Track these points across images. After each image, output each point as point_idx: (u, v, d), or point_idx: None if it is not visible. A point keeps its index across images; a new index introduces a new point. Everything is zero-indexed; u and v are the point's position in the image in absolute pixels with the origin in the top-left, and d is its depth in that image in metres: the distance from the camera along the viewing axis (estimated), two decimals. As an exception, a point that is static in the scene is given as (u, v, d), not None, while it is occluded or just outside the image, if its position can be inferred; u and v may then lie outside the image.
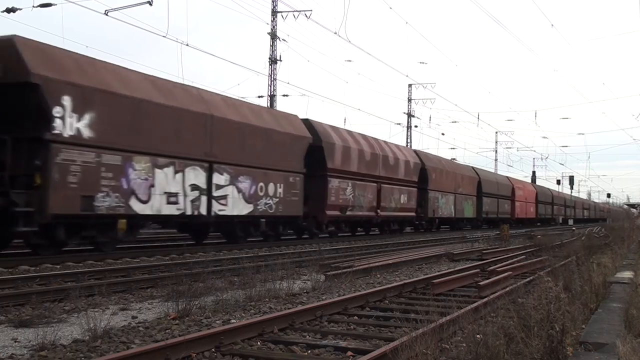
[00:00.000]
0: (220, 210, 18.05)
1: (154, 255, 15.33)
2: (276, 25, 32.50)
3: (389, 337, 6.67)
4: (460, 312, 7.27)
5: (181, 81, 20.65)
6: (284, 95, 41.87)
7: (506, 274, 11.73)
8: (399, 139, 76.42)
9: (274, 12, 32.53)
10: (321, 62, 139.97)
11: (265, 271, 11.33)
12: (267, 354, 6.01)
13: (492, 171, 61.19)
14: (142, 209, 15.42)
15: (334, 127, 25.63)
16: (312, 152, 22.62)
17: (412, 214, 32.20)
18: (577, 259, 13.78)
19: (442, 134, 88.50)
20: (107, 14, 22.49)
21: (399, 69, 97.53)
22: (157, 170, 15.86)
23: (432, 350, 4.94)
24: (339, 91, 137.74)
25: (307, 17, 31.69)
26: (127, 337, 6.52)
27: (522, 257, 16.92)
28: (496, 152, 70.62)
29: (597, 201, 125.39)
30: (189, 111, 16.92)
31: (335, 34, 27.36)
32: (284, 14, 32.44)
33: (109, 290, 9.57)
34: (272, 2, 32.58)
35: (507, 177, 55.50)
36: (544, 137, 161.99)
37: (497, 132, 68.99)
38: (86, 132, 13.97)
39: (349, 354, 6.03)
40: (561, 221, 68.88)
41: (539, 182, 77.02)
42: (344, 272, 11.87)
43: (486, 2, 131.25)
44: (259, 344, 6.40)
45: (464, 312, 7.32)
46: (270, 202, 20.38)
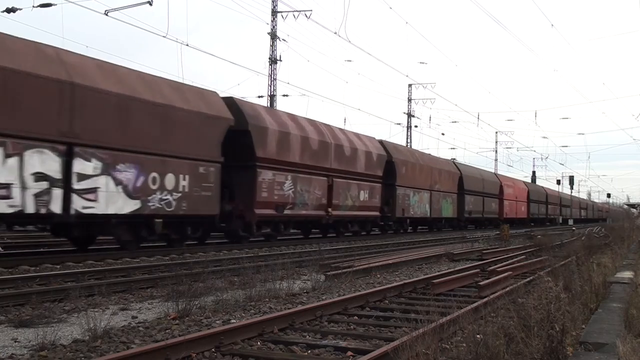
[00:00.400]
0: (85, 207, 13.92)
1: (154, 255, 15.33)
2: (276, 25, 32.53)
3: (389, 337, 6.67)
4: (460, 312, 7.28)
5: (181, 81, 19.35)
6: (284, 95, 42.00)
7: (506, 274, 11.74)
8: (399, 139, 76.46)
9: (274, 12, 32.54)
10: (321, 62, 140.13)
11: (265, 271, 11.33)
12: (267, 354, 6.01)
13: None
14: None
15: (269, 109, 22.02)
16: (237, 137, 18.74)
17: (376, 214, 27.90)
18: (577, 259, 13.78)
19: (442, 134, 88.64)
20: (107, 14, 22.53)
21: (399, 69, 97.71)
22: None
23: (432, 350, 4.94)
24: (339, 91, 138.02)
25: (307, 17, 31.73)
26: (127, 337, 6.52)
27: (522, 257, 16.94)
28: (496, 152, 70.66)
29: (596, 201, 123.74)
30: (32, 75, 12.78)
31: (335, 34, 27.39)
32: (284, 14, 32.48)
33: (109, 290, 9.59)
34: (272, 2, 32.60)
35: (495, 174, 52.06)
36: (544, 137, 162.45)
37: (497, 132, 69.02)
38: None
39: (349, 354, 6.03)
40: (561, 221, 68.76)
41: (539, 182, 76.97)
42: (344, 272, 11.87)
43: (486, 2, 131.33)
44: (259, 344, 6.40)
45: (464, 312, 7.33)
46: (168, 197, 16.16)
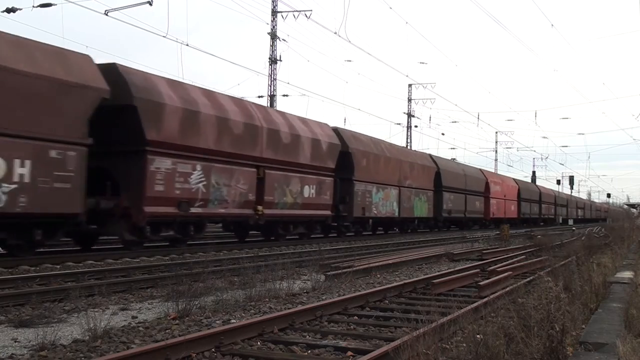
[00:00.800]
0: None
1: (154, 255, 15.34)
2: (276, 25, 32.54)
3: (389, 337, 6.67)
4: (460, 312, 7.28)
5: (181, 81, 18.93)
6: (284, 95, 41.96)
7: (506, 274, 11.73)
8: (399, 139, 76.50)
9: (274, 12, 32.55)
10: (321, 62, 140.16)
11: (265, 271, 11.33)
12: (267, 354, 6.01)
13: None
14: None
15: (175, 82, 17.27)
16: (122, 114, 15.03)
17: (326, 213, 23.76)
18: (577, 259, 13.79)
19: (442, 134, 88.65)
20: (107, 14, 22.54)
21: (399, 69, 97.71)
22: None
23: (432, 350, 4.94)
24: (339, 91, 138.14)
25: (307, 17, 31.74)
26: (127, 337, 6.52)
27: (522, 257, 16.94)
28: (496, 152, 70.72)
29: (594, 200, 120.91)
30: None
31: (335, 34, 27.42)
32: (284, 14, 32.49)
33: (109, 290, 9.59)
34: (272, 2, 32.61)
35: (480, 170, 47.12)
36: (544, 137, 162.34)
37: (497, 132, 69.03)
38: None
39: (349, 354, 6.03)
40: (561, 221, 68.69)
41: (539, 182, 76.85)
42: (344, 272, 11.87)
43: (486, 2, 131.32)
44: (259, 344, 6.40)
45: (464, 312, 7.33)
46: None
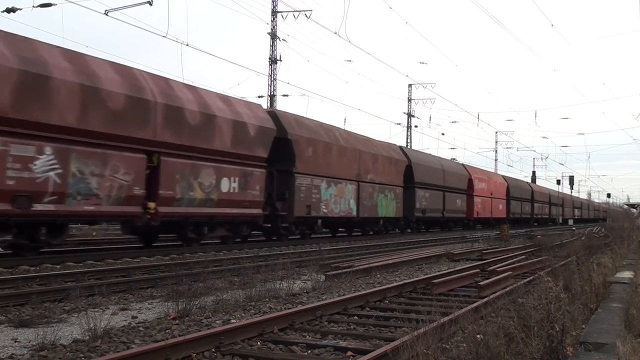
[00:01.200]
0: None
1: (154, 255, 15.33)
2: (276, 25, 32.53)
3: (389, 337, 6.66)
4: (460, 312, 7.27)
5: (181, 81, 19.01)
6: (284, 95, 42.14)
7: (506, 274, 11.73)
8: (399, 139, 76.48)
9: (274, 12, 32.54)
10: (321, 62, 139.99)
11: (265, 271, 11.34)
12: (267, 354, 6.01)
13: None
14: None
15: (11, 36, 12.80)
16: None
17: (255, 212, 19.81)
18: (577, 259, 13.78)
19: (442, 134, 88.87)
20: (107, 14, 22.53)
21: (399, 69, 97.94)
22: None
23: (432, 350, 4.93)
24: (339, 91, 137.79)
25: (307, 17, 31.73)
26: (127, 337, 6.52)
27: (522, 257, 16.93)
28: (496, 152, 70.66)
29: (592, 200, 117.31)
30: None
31: (335, 34, 27.41)
32: (284, 14, 32.48)
33: (109, 290, 9.58)
34: (272, 2, 32.60)
35: (463, 165, 43.27)
36: (544, 137, 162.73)
37: (497, 132, 68.97)
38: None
39: (349, 354, 6.03)
40: (561, 221, 68.60)
41: (539, 182, 76.74)
42: (344, 272, 11.87)
43: (486, 2, 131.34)
44: (259, 344, 6.40)
45: (464, 312, 7.32)
46: None
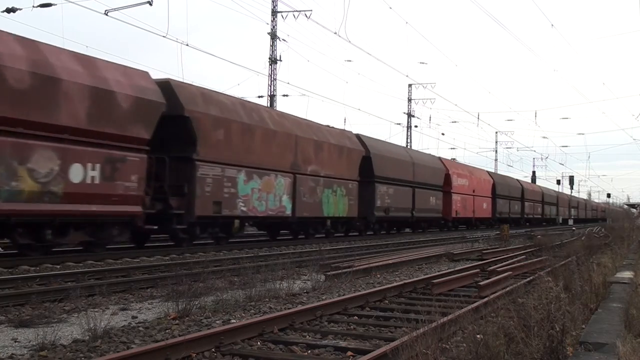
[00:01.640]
0: None
1: (154, 255, 15.33)
2: (276, 25, 32.52)
3: (389, 337, 6.66)
4: (460, 312, 7.27)
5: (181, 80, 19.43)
6: (284, 95, 41.99)
7: (506, 274, 11.73)
8: (399, 139, 76.44)
9: (274, 12, 32.54)
10: (321, 62, 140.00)
11: (265, 271, 11.33)
12: (267, 354, 6.01)
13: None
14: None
15: None
16: None
17: (130, 210, 15.49)
18: (577, 259, 13.78)
19: (442, 134, 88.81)
20: (107, 14, 22.53)
21: (399, 69, 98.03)
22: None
23: (432, 350, 4.93)
24: (339, 91, 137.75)
25: (307, 17, 31.73)
26: (127, 337, 6.52)
27: (522, 257, 16.93)
28: (496, 152, 70.68)
29: (589, 199, 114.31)
30: None
31: (335, 34, 27.42)
32: (284, 14, 32.48)
33: (109, 290, 9.58)
34: (272, 2, 32.60)
35: (440, 159, 38.43)
36: (544, 137, 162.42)
37: (497, 132, 68.93)
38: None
39: (349, 354, 6.03)
40: (561, 221, 68.52)
41: (539, 182, 76.58)
42: (344, 272, 11.87)
43: (486, 2, 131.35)
44: (259, 344, 6.40)
45: (464, 312, 7.32)
46: None
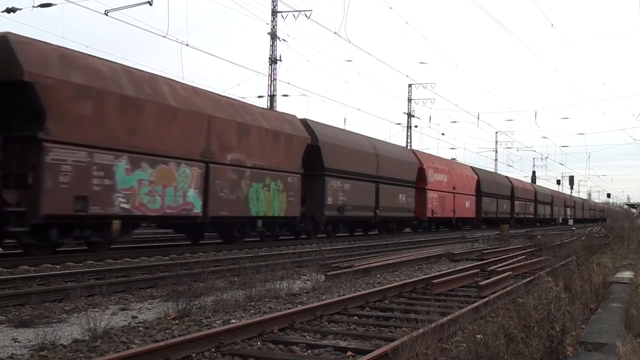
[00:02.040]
0: None
1: (154, 255, 15.33)
2: (276, 25, 32.50)
3: (389, 337, 6.67)
4: (460, 312, 7.27)
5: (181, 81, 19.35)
6: (284, 95, 41.99)
7: (506, 274, 11.73)
8: (399, 139, 76.45)
9: (274, 12, 32.52)
10: (321, 62, 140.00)
11: (265, 271, 11.33)
12: (267, 354, 6.01)
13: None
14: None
15: None
16: None
17: None
18: (577, 259, 13.78)
19: (442, 134, 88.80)
20: (107, 14, 22.52)
21: (399, 69, 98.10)
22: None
23: (432, 350, 4.93)
24: (339, 91, 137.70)
25: (307, 17, 31.70)
26: (127, 337, 6.52)
27: (522, 257, 16.93)
28: (496, 152, 70.60)
29: (586, 199, 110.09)
30: None
31: (335, 34, 27.40)
32: (284, 14, 32.45)
33: (109, 290, 9.58)
34: (272, 2, 32.58)
35: (413, 151, 34.54)
36: (544, 137, 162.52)
37: (497, 132, 68.85)
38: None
39: (349, 354, 6.03)
40: (561, 221, 68.46)
41: (539, 182, 76.49)
42: (344, 272, 11.87)
43: (486, 2, 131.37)
44: (259, 344, 6.40)
45: (464, 312, 7.32)
46: None
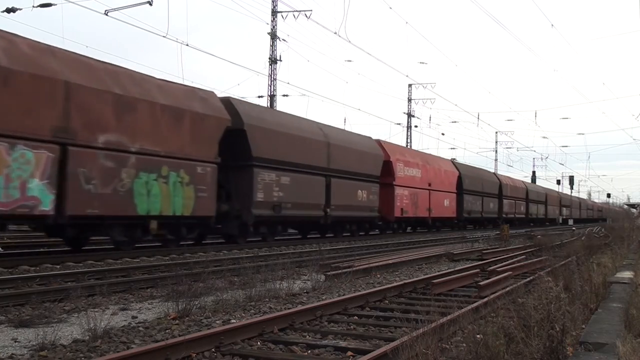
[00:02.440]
0: None
1: (154, 255, 15.33)
2: (276, 25, 32.51)
3: (389, 337, 6.66)
4: (460, 312, 7.27)
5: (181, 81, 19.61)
6: (284, 95, 42.09)
7: (506, 274, 11.73)
8: (399, 139, 76.43)
9: (274, 12, 32.52)
10: (321, 62, 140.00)
11: (265, 271, 11.33)
12: (267, 354, 6.01)
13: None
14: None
15: None
16: None
17: None
18: (577, 259, 13.78)
19: (442, 134, 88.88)
20: (107, 14, 22.54)
21: (399, 69, 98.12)
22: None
23: (432, 350, 4.93)
24: (339, 91, 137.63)
25: (307, 17, 31.72)
26: (127, 337, 6.52)
27: (522, 257, 16.92)
28: (496, 152, 70.57)
29: (584, 198, 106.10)
30: None
31: (335, 34, 27.40)
32: (284, 14, 32.46)
33: (109, 290, 9.58)
34: (272, 2, 32.59)
35: (378, 142, 29.19)
36: (544, 137, 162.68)
37: (497, 132, 68.80)
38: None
39: (349, 354, 6.03)
40: (561, 221, 68.34)
41: (539, 182, 76.34)
42: (344, 272, 11.87)
43: (486, 2, 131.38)
44: (259, 344, 6.40)
45: (464, 312, 7.32)
46: None
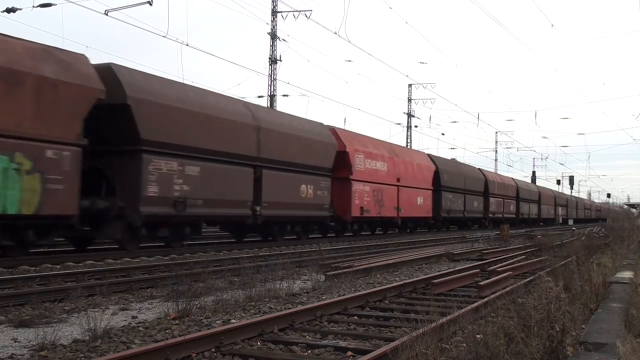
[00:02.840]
0: None
1: (154, 255, 15.33)
2: (276, 25, 32.52)
3: (388, 337, 6.66)
4: (460, 312, 7.27)
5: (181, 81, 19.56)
6: (284, 95, 42.11)
7: (506, 274, 11.73)
8: (399, 139, 76.41)
9: (274, 12, 32.53)
10: (321, 62, 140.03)
11: (265, 271, 11.33)
12: (267, 354, 6.01)
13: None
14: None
15: None
16: None
17: None
18: (577, 259, 13.78)
19: (442, 134, 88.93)
20: (107, 14, 22.54)
21: (399, 69, 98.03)
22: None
23: (432, 350, 4.93)
24: (339, 91, 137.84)
25: (307, 17, 31.73)
26: (127, 337, 6.52)
27: (522, 257, 16.93)
28: (496, 152, 70.60)
29: (581, 198, 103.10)
30: None
31: (335, 34, 27.42)
32: (284, 14, 32.48)
33: (109, 290, 9.57)
34: (272, 2, 32.60)
35: (332, 129, 25.69)
36: (544, 137, 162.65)
37: (497, 132, 68.77)
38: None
39: (349, 354, 6.03)
40: (560, 221, 68.31)
41: (539, 182, 76.23)
42: (344, 272, 11.87)
43: (486, 2, 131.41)
44: (259, 344, 6.40)
45: (464, 312, 7.32)
46: None
